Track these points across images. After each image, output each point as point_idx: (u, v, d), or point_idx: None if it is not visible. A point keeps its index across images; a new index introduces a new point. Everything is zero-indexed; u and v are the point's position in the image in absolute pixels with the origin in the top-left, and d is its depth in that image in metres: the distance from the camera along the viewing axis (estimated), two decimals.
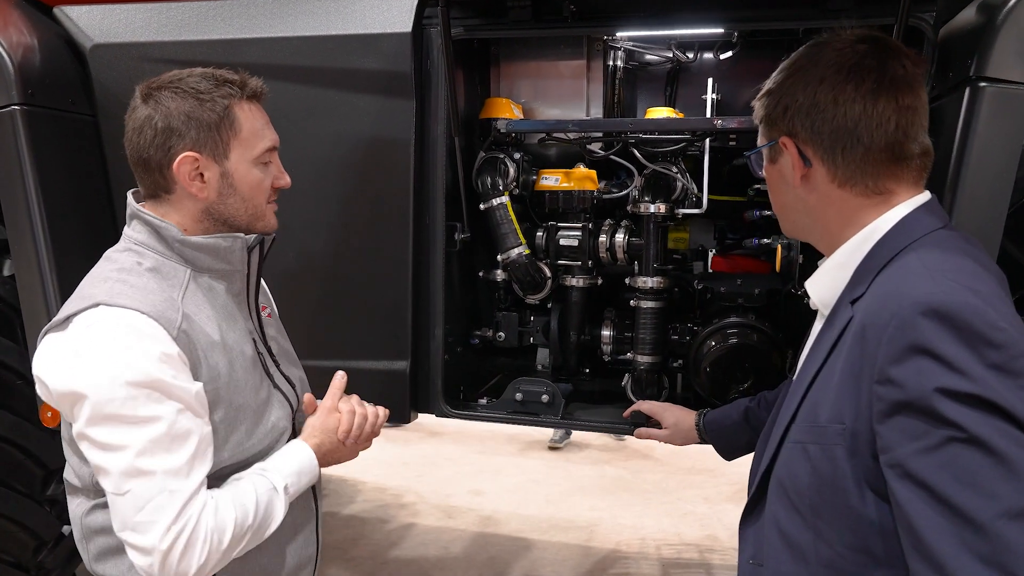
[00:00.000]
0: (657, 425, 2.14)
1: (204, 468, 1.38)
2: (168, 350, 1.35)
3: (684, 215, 2.30)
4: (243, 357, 1.53)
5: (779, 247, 2.11)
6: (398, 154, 2.24)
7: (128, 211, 1.50)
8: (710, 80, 2.30)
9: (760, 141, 1.36)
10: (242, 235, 1.53)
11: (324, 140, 2.26)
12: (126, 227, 1.51)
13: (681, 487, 5.06)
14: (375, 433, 1.69)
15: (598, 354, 2.46)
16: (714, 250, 2.52)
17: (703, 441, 2.07)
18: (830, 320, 1.25)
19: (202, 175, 1.46)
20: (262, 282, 1.74)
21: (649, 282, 2.26)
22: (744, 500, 1.37)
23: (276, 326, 1.76)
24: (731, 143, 2.41)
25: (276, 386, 1.62)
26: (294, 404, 1.67)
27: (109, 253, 1.51)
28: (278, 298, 1.84)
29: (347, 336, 2.32)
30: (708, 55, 2.49)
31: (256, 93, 1.53)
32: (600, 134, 2.31)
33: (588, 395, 2.51)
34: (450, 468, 5.46)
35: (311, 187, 2.31)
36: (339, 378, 1.69)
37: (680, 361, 2.38)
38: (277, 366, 1.66)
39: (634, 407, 2.19)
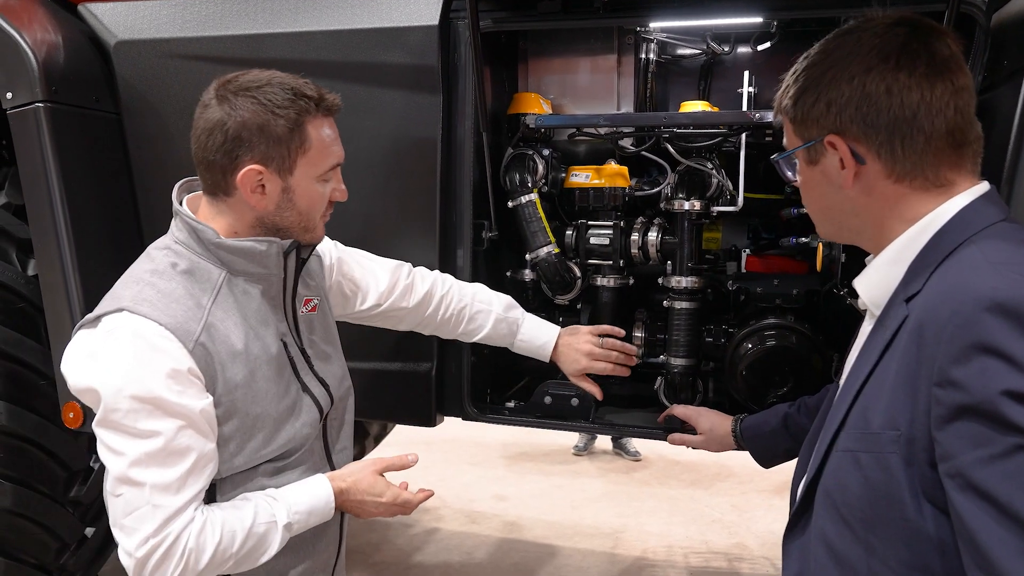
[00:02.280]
0: (691, 430, 2.08)
1: (198, 484, 1.38)
2: (179, 365, 1.36)
3: (719, 213, 2.24)
4: (268, 366, 1.49)
5: (819, 245, 2.04)
6: (424, 151, 2.19)
7: (174, 207, 1.50)
8: (746, 73, 2.23)
9: (790, 143, 1.28)
10: (278, 240, 1.49)
11: (348, 137, 2.22)
12: (173, 221, 1.51)
13: (708, 494, 4.98)
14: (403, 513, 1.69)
15: None
16: (747, 250, 2.46)
17: (739, 447, 2.01)
18: (881, 320, 1.16)
19: (264, 187, 1.44)
20: (315, 268, 1.72)
21: (683, 282, 2.19)
22: (773, 506, 1.31)
23: (321, 321, 1.70)
24: (767, 139, 2.34)
25: (306, 388, 1.58)
26: (325, 406, 1.63)
27: (150, 249, 1.51)
28: None
29: (371, 336, 2.27)
30: (744, 47, 2.41)
31: (331, 109, 1.51)
32: (632, 129, 2.25)
33: (618, 399, 2.44)
34: (473, 473, 5.42)
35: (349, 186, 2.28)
36: (408, 461, 1.69)
37: (713, 364, 2.32)
38: (311, 368, 1.61)
39: (667, 412, 2.13)
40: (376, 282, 1.95)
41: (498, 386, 2.50)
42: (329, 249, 1.88)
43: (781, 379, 2.12)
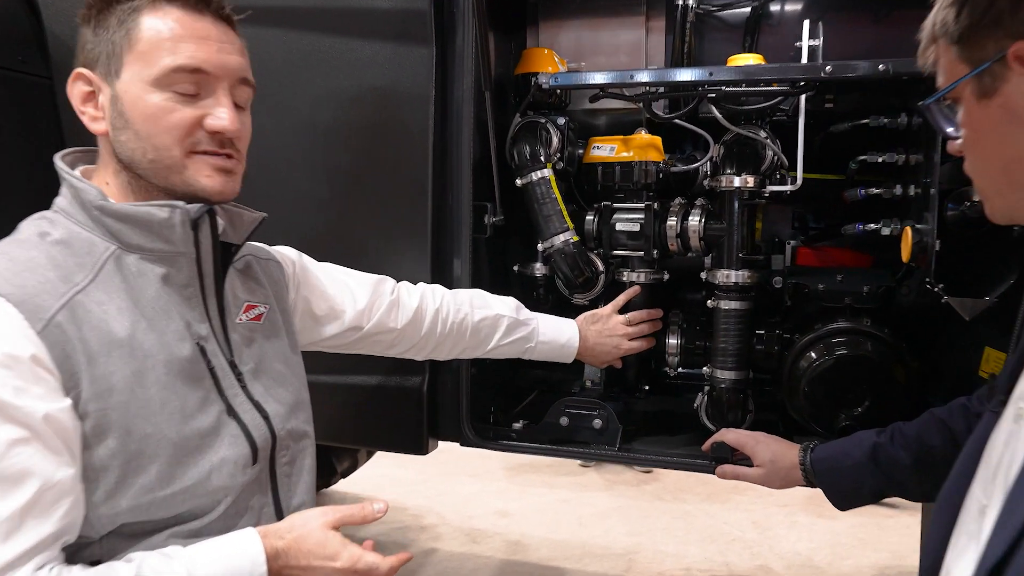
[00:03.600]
0: (746, 461, 1.64)
1: (43, 529, 0.94)
2: (19, 351, 0.96)
3: (771, 193, 1.80)
4: (168, 369, 1.06)
5: (907, 231, 1.60)
6: (413, 115, 1.75)
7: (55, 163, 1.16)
8: (806, 23, 1.80)
9: (949, 77, 0.90)
10: (182, 204, 1.07)
11: (321, 97, 1.79)
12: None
13: (726, 508, 4.54)
14: None
15: (662, 367, 1.96)
16: (790, 241, 2.02)
17: (809, 483, 1.56)
18: None
19: (97, 100, 1.12)
20: (274, 274, 1.35)
21: (733, 276, 1.74)
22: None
23: (268, 335, 1.27)
24: (827, 105, 1.91)
25: (232, 411, 1.14)
26: (260, 441, 1.17)
27: (24, 221, 1.15)
28: None
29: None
30: None
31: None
32: (667, 89, 1.80)
33: (649, 418, 2.01)
34: (473, 486, 4.98)
35: (304, 158, 1.83)
36: (371, 512, 1.16)
37: (765, 378, 1.88)
38: (243, 387, 1.16)
39: (715, 438, 1.69)
40: (353, 299, 1.53)
41: (502, 402, 2.05)
42: (292, 259, 1.46)
43: (855, 397, 1.68)
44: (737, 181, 1.73)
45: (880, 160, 1.84)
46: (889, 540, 4.15)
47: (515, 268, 2.02)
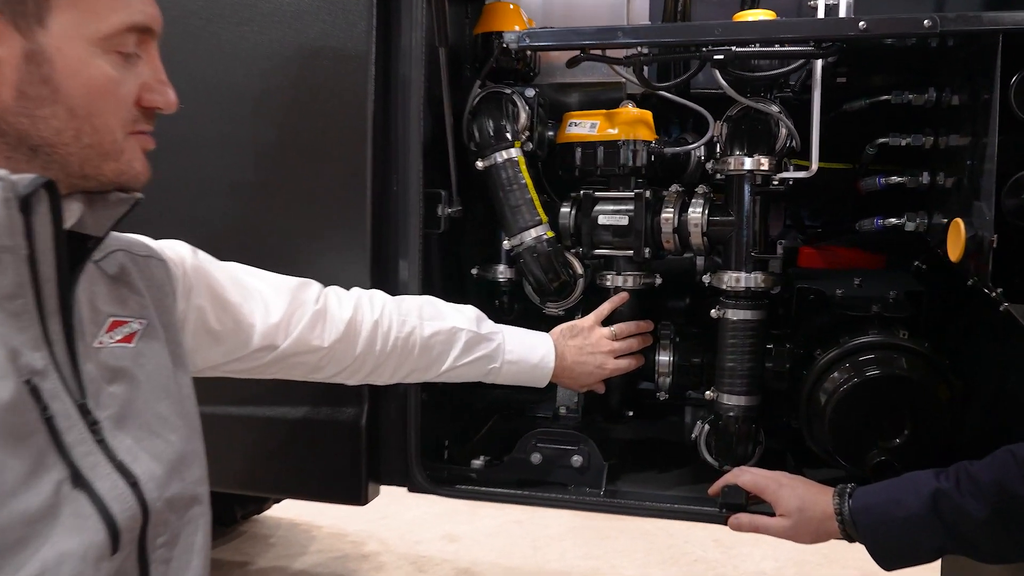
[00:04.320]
0: (766, 509, 1.32)
1: None
2: None
3: (781, 181, 1.48)
4: None
5: (956, 224, 1.30)
6: (348, 79, 1.37)
7: None
8: None
9: None
10: (5, 172, 0.74)
11: (231, 56, 1.40)
12: None
13: (687, 527, 4.28)
14: None
15: (650, 388, 1.62)
16: (781, 241, 1.70)
17: (848, 538, 1.25)
18: None
19: None
20: (158, 275, 1.00)
21: (745, 280, 1.42)
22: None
23: (144, 363, 0.90)
24: (839, 80, 1.61)
25: (79, 479, 0.76)
26: (123, 520, 0.80)
27: None
28: None
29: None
30: None
31: None
32: (659, 52, 1.45)
33: (635, 450, 1.67)
34: (418, 508, 4.61)
35: (209, 131, 1.44)
36: None
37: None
38: (99, 442, 0.79)
39: (726, 479, 1.36)
40: (266, 309, 1.16)
41: (457, 429, 1.68)
42: (183, 256, 1.08)
43: (892, 425, 1.36)
44: (748, 163, 1.40)
45: (905, 143, 1.55)
46: (855, 556, 3.93)
47: (473, 271, 1.66)
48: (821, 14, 1.47)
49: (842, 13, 1.46)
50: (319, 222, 1.41)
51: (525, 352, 1.38)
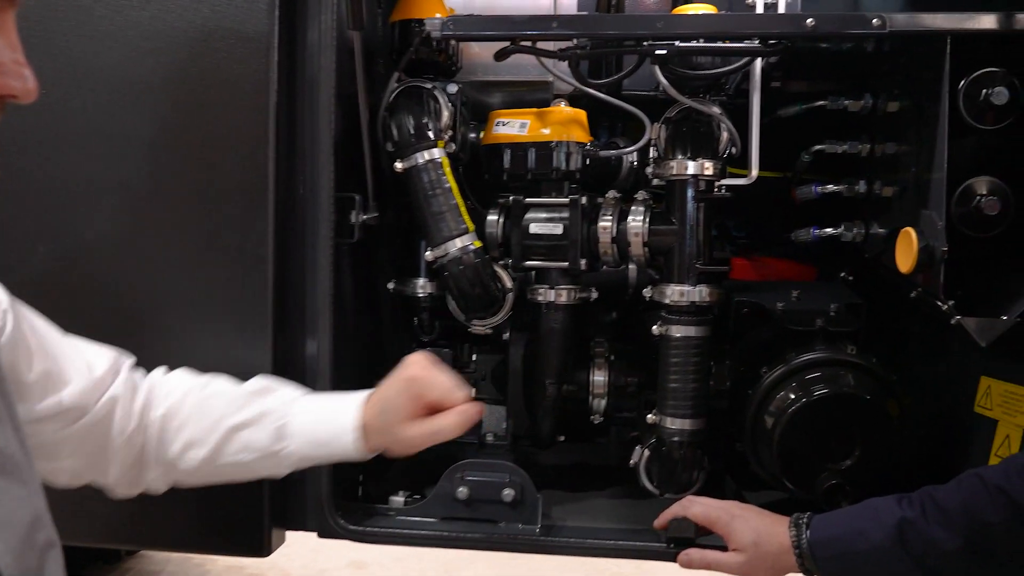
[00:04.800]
0: (717, 542, 1.21)
1: None
2: None
3: (725, 188, 1.39)
4: None
5: (909, 233, 1.23)
6: (247, 65, 1.18)
7: None
8: None
9: None
10: None
11: (104, 35, 1.19)
12: None
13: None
14: None
15: (582, 411, 1.49)
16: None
17: (806, 571, 1.15)
18: None
19: None
20: None
21: (690, 294, 1.31)
22: None
23: None
24: (773, 84, 1.54)
25: None
26: None
27: None
28: None
29: None
30: None
31: None
32: (593, 46, 1.32)
33: (567, 476, 1.53)
34: None
35: (77, 124, 1.22)
36: None
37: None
38: None
39: (674, 511, 1.24)
40: (88, 365, 0.97)
41: (373, 468, 1.50)
42: None
43: (842, 445, 1.28)
44: (692, 167, 1.29)
45: (841, 150, 1.49)
46: None
47: (389, 285, 1.48)
48: (760, 11, 1.39)
49: (781, 11, 1.39)
50: (211, 230, 1.21)
51: (324, 407, 1.06)
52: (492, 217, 1.39)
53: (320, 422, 1.02)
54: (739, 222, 1.80)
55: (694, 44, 1.24)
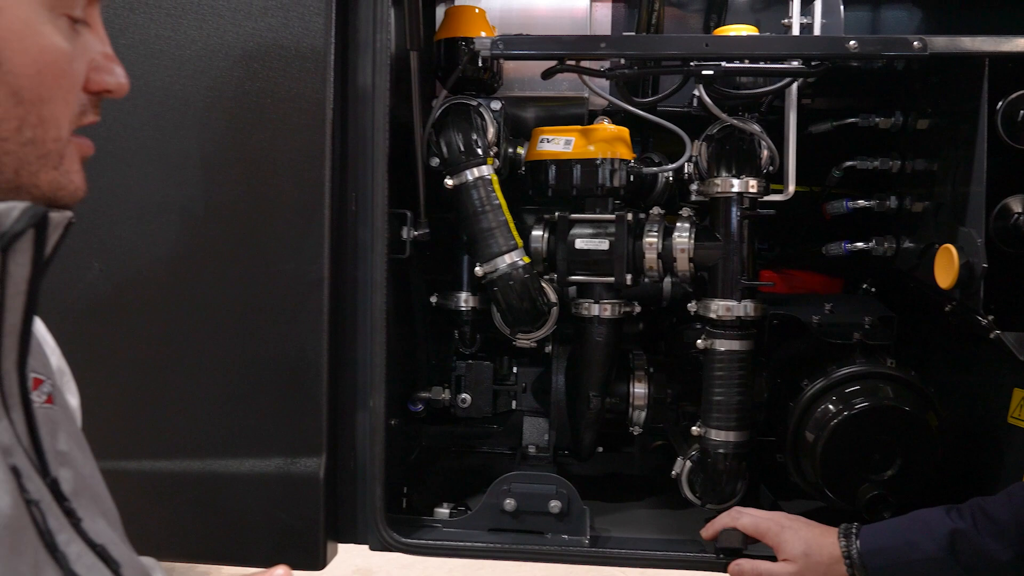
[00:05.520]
0: (767, 553, 1.22)
1: None
2: None
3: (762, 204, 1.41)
4: None
5: (949, 250, 1.26)
6: (303, 82, 1.18)
7: None
8: None
9: None
10: None
11: (162, 53, 1.19)
12: None
13: None
14: None
15: (621, 422, 1.50)
16: None
17: None
18: None
19: None
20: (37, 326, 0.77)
21: (736, 309, 1.33)
22: None
23: (65, 426, 0.71)
24: (804, 101, 1.57)
25: None
26: None
27: None
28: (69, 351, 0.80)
29: (209, 415, 1.23)
30: None
31: None
32: (637, 66, 1.34)
33: (608, 486, 1.54)
34: None
35: (136, 141, 1.22)
36: None
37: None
38: (75, 524, 0.62)
39: (723, 521, 1.26)
40: None
41: (415, 480, 1.51)
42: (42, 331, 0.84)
43: (884, 457, 1.31)
44: (737, 185, 1.31)
45: (873, 166, 1.52)
46: None
47: (432, 299, 1.50)
48: (796, 33, 1.42)
49: (816, 31, 1.42)
50: (267, 249, 1.21)
51: None
52: (537, 232, 1.40)
53: None
54: (765, 235, 1.83)
55: (739, 65, 1.26)
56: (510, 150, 1.50)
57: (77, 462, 0.70)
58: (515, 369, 1.53)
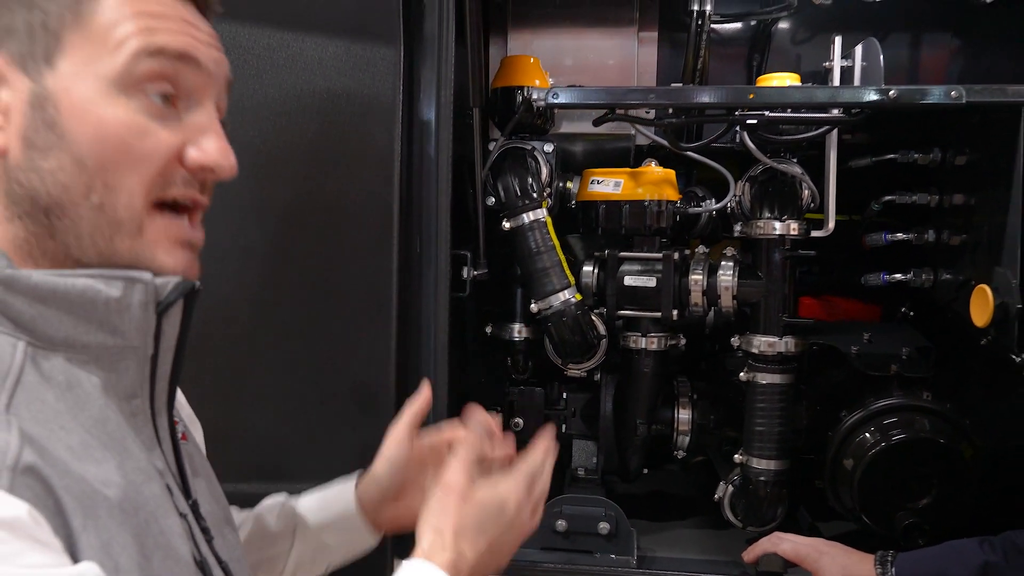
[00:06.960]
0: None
1: None
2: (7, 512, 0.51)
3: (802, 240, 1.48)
4: (162, 531, 0.64)
5: (984, 290, 1.31)
6: (374, 135, 1.28)
7: None
8: (837, 40, 1.49)
9: None
10: (144, 274, 0.65)
11: (243, 109, 1.29)
12: None
13: None
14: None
15: (666, 446, 1.58)
16: None
17: None
18: None
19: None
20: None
21: (777, 345, 1.40)
22: None
23: (200, 461, 0.84)
24: (845, 136, 1.62)
25: None
26: None
27: None
28: None
29: (287, 439, 1.34)
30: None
31: None
32: (684, 114, 1.42)
33: (652, 507, 1.62)
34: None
35: (231, 191, 1.32)
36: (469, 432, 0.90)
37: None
38: (209, 541, 0.73)
39: (763, 546, 1.33)
40: None
41: None
42: None
43: (919, 486, 1.36)
44: (779, 228, 1.38)
45: (911, 200, 1.56)
46: None
47: (488, 329, 1.58)
48: (836, 77, 1.48)
49: (857, 76, 1.48)
50: (340, 287, 1.30)
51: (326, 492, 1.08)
52: (587, 268, 1.48)
53: (336, 517, 1.05)
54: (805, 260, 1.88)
55: (782, 114, 1.33)
56: (560, 184, 1.58)
57: (208, 490, 0.80)
58: (564, 395, 1.61)
